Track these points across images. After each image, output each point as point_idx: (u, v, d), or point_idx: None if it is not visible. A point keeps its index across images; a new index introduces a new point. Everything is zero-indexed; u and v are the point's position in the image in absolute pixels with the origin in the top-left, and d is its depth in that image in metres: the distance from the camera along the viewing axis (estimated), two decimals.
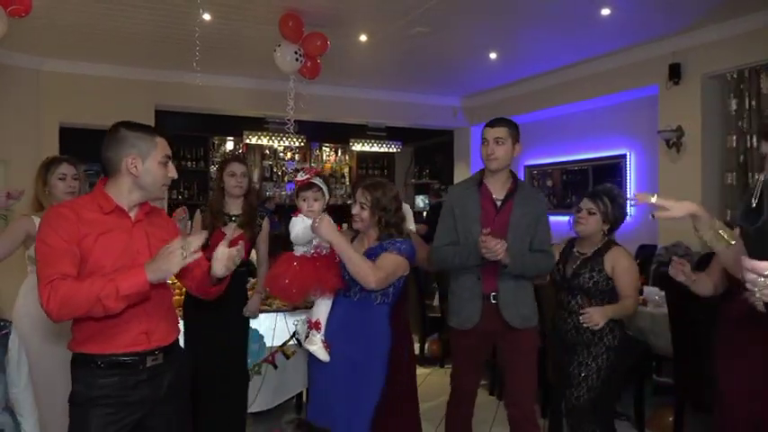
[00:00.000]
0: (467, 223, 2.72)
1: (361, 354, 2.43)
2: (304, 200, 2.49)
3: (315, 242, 2.48)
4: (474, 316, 2.70)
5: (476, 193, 2.76)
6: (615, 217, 2.91)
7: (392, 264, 2.39)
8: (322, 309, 2.48)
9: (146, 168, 1.88)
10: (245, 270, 3.29)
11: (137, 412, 1.88)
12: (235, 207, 3.23)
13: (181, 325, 3.15)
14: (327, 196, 2.53)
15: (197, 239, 1.78)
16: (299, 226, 2.46)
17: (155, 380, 1.91)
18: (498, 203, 2.74)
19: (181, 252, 1.71)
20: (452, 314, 2.81)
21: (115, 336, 1.84)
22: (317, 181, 2.50)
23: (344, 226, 2.85)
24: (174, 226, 2.15)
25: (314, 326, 2.46)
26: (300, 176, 2.52)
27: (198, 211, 3.27)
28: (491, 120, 2.79)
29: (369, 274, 2.33)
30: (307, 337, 2.49)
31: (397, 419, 2.89)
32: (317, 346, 2.42)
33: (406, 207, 4.66)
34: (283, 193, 9.65)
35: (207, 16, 4.89)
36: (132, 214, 1.93)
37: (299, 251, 2.50)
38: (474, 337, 2.75)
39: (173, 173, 1.97)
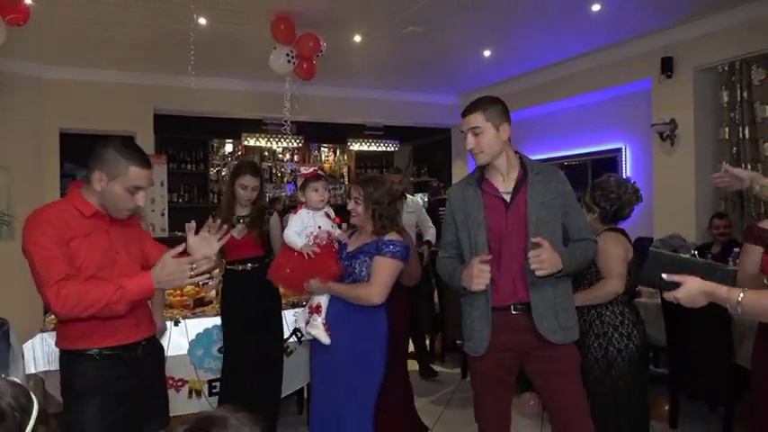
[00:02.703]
0: (471, 229, 2.27)
1: (361, 339, 2.51)
2: (315, 190, 2.61)
3: (314, 233, 2.58)
4: (485, 339, 2.25)
5: (477, 192, 2.31)
6: (596, 203, 2.89)
7: (387, 272, 2.52)
8: (323, 294, 2.59)
9: (110, 188, 1.93)
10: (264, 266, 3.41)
11: (128, 402, 1.98)
12: (243, 210, 3.36)
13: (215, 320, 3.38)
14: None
15: (206, 264, 1.92)
16: (298, 224, 2.58)
17: (141, 368, 2.04)
18: (507, 198, 2.27)
19: (190, 270, 1.87)
20: (465, 338, 2.36)
21: (111, 330, 1.95)
22: (322, 172, 2.68)
23: (344, 225, 2.90)
24: (138, 224, 2.23)
25: (315, 310, 2.56)
26: (305, 170, 2.64)
27: (210, 217, 3.34)
28: (465, 107, 2.32)
29: (368, 296, 2.49)
30: (308, 323, 2.58)
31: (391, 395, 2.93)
32: (318, 330, 2.51)
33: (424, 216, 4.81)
34: (283, 194, 9.72)
35: (202, 20, 4.95)
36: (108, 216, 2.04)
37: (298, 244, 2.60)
38: (494, 360, 2.28)
39: (140, 202, 1.99)
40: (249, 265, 3.36)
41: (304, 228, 2.60)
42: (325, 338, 2.51)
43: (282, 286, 2.92)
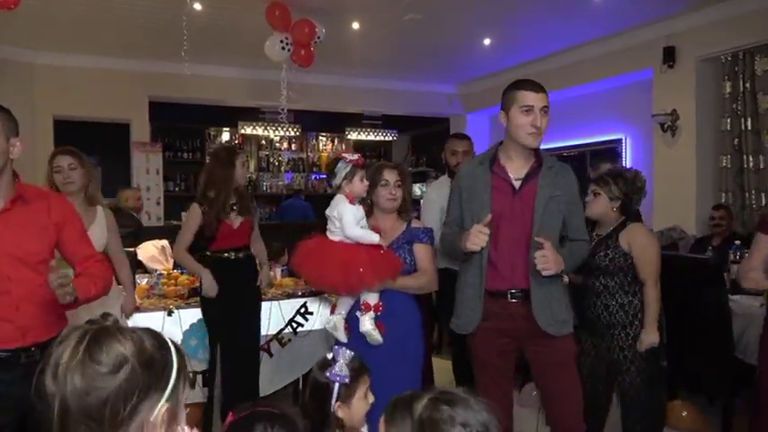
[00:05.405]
0: (475, 209, 2.26)
1: (401, 332, 2.49)
2: (362, 179, 2.47)
3: (364, 226, 2.46)
4: (474, 319, 2.28)
5: (486, 172, 2.28)
6: (623, 193, 2.79)
7: (432, 257, 2.61)
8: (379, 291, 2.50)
9: None
10: (251, 254, 3.35)
11: (13, 412, 1.79)
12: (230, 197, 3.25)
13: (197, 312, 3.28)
14: None
15: None
16: (355, 213, 2.44)
17: (30, 377, 1.85)
18: (517, 184, 2.25)
19: None
20: (455, 315, 2.39)
21: None
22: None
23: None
24: (55, 210, 1.96)
25: (374, 308, 2.45)
26: (351, 156, 2.47)
27: (195, 205, 3.22)
28: (529, 82, 2.27)
29: (431, 283, 2.61)
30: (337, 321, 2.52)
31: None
32: (369, 328, 2.42)
33: None
34: (280, 183, 9.64)
35: (197, 6, 4.87)
36: None
37: (337, 237, 2.45)
38: (493, 347, 2.30)
39: None
40: (242, 253, 3.25)
41: (359, 220, 2.44)
42: (379, 338, 2.42)
43: (339, 288, 2.50)
